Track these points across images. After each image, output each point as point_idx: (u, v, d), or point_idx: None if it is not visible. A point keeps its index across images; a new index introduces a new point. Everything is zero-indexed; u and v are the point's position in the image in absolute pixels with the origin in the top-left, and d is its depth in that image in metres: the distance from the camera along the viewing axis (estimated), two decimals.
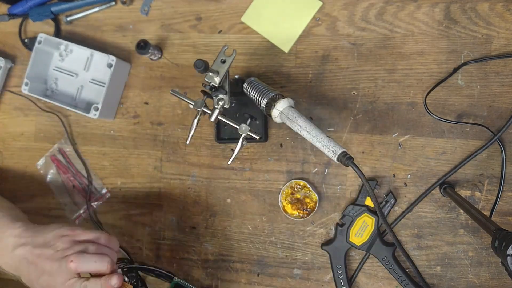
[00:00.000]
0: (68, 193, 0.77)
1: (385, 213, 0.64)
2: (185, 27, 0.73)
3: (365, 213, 0.64)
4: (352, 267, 0.67)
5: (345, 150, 0.51)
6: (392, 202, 0.64)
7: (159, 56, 0.73)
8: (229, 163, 0.61)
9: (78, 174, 0.76)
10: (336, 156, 0.51)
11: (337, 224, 0.66)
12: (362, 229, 0.64)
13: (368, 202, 0.65)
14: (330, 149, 0.52)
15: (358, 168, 0.49)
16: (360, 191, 0.65)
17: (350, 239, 0.65)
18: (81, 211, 0.76)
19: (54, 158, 0.77)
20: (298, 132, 0.55)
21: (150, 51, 0.69)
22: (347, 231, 0.65)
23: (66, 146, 0.77)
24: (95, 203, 0.75)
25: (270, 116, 0.59)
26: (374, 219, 0.64)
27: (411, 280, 0.63)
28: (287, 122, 0.57)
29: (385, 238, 0.65)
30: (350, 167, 0.50)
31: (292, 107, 0.58)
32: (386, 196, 0.64)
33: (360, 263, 0.66)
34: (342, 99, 0.67)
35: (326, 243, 0.66)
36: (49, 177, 0.77)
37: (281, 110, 0.57)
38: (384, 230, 0.65)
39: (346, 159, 0.50)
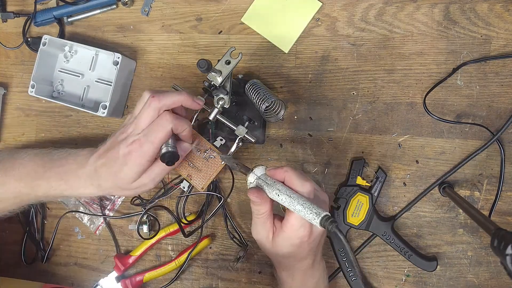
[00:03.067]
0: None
1: (377, 191, 0.65)
2: (186, 28, 0.73)
3: (358, 192, 0.65)
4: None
5: (327, 213, 0.46)
6: (383, 178, 0.64)
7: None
8: (222, 162, 0.62)
9: None
10: (319, 218, 0.46)
11: (333, 207, 0.66)
12: (358, 208, 0.64)
13: (359, 181, 0.65)
14: (313, 211, 0.47)
15: (343, 235, 0.44)
16: (350, 172, 0.65)
17: (348, 220, 0.65)
18: (99, 223, 0.76)
19: None
20: (276, 197, 0.51)
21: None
22: (344, 213, 0.65)
23: None
24: (110, 212, 0.75)
25: (246, 181, 0.56)
26: (367, 196, 0.64)
27: (414, 251, 0.63)
28: (264, 186, 0.52)
29: (382, 215, 0.65)
30: (334, 231, 0.45)
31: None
32: (376, 172, 0.65)
33: (363, 243, 0.66)
34: (342, 99, 0.67)
35: None
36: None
37: (258, 175, 0.54)
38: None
39: (329, 222, 0.45)
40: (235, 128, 0.60)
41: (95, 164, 0.58)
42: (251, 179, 0.54)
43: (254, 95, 0.62)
